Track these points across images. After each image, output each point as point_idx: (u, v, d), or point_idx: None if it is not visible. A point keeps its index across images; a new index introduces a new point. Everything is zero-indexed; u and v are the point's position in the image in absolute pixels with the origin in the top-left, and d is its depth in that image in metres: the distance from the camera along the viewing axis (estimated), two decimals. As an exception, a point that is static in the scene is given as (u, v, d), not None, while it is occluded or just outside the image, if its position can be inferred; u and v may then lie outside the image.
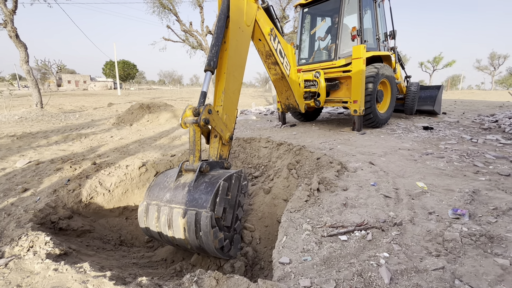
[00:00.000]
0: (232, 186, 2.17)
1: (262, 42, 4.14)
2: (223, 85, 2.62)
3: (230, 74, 2.69)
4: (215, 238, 1.93)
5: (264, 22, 3.96)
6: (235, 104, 2.79)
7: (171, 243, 2.15)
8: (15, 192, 3.08)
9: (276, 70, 4.76)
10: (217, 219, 1.99)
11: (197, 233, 1.93)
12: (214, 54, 2.56)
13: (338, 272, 1.50)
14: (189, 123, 2.21)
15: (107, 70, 56.05)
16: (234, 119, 2.77)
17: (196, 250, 2.09)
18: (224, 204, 2.05)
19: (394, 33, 6.68)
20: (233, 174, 2.18)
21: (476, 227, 1.82)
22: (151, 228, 2.12)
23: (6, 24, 9.92)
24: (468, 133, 5.26)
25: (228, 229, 2.15)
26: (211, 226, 1.90)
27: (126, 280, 1.64)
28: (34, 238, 1.99)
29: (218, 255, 2.04)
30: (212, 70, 2.51)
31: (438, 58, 44.42)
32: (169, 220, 2.01)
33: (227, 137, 2.55)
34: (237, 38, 2.89)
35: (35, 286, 1.54)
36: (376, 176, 2.92)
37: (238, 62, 2.87)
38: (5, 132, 6.70)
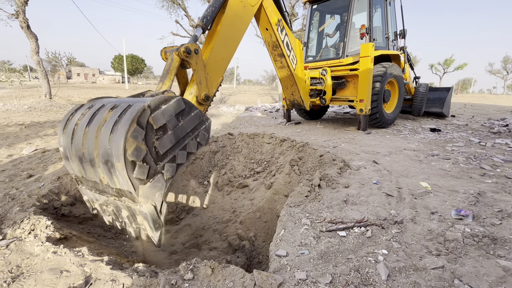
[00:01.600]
0: (190, 117, 1.82)
1: (269, 31, 4.14)
2: (211, 45, 2.56)
3: (221, 39, 2.63)
4: (133, 138, 1.45)
5: (272, 12, 3.96)
6: (221, 71, 2.69)
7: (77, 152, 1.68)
8: (20, 177, 3.13)
9: (282, 62, 4.75)
10: (149, 127, 1.56)
11: (115, 125, 1.49)
12: (209, 13, 2.51)
13: (335, 266, 1.48)
14: (169, 52, 2.08)
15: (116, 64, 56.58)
16: (217, 85, 2.63)
17: (98, 161, 1.57)
18: (169, 120, 1.67)
19: (404, 32, 6.57)
20: (199, 111, 1.90)
21: (479, 228, 1.78)
22: (69, 127, 1.74)
23: (18, 15, 10.07)
24: (476, 136, 5.14)
25: (157, 156, 1.64)
26: (136, 119, 1.47)
27: (123, 266, 1.66)
28: (35, 222, 2.02)
29: (121, 172, 1.48)
30: (205, 27, 2.43)
31: (449, 61, 43.56)
32: (95, 114, 1.66)
33: (203, 94, 2.39)
34: (236, 10, 2.86)
35: (34, 267, 1.56)
36: (379, 175, 2.88)
37: (232, 33, 2.82)
38: (14, 120, 6.82)
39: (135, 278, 1.38)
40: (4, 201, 2.53)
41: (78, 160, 1.71)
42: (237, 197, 3.68)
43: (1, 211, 2.32)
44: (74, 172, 1.85)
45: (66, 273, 1.49)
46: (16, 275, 1.50)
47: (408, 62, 7.41)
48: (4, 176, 3.18)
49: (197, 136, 1.93)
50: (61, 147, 1.80)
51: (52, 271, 1.50)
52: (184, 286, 1.34)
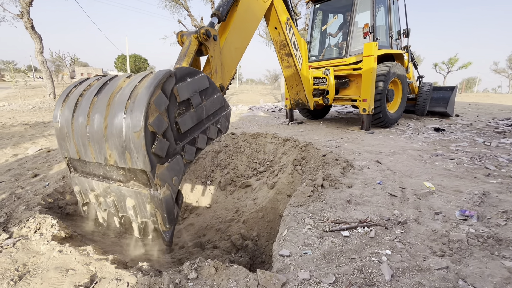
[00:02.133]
0: (212, 99, 1.71)
1: (278, 30, 4.18)
2: (225, 36, 2.54)
3: (235, 29, 2.64)
4: (156, 105, 1.28)
5: (282, 10, 4.01)
6: (235, 62, 2.67)
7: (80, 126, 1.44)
8: (25, 177, 3.17)
9: (289, 62, 4.76)
10: (173, 99, 1.40)
11: (134, 91, 1.31)
12: (225, 2, 2.48)
13: (338, 267, 1.48)
14: (186, 35, 1.97)
15: (119, 63, 56.87)
16: (230, 77, 2.58)
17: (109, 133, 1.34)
18: (193, 96, 1.52)
19: (407, 31, 6.53)
20: (221, 94, 1.80)
21: (484, 229, 1.76)
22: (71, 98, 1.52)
23: (23, 15, 10.17)
24: (481, 136, 5.10)
25: (177, 133, 1.49)
26: (161, 85, 1.31)
27: (127, 264, 1.67)
28: (41, 221, 2.04)
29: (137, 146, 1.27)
30: (220, 16, 2.38)
31: (453, 60, 43.19)
32: (106, 83, 1.48)
33: (217, 84, 2.30)
34: (249, 4, 2.89)
35: (40, 265, 1.58)
36: (382, 175, 2.87)
37: (246, 23, 2.84)
38: (19, 120, 6.90)
39: (139, 277, 1.40)
40: (10, 200, 2.56)
41: (79, 136, 1.45)
42: (240, 197, 3.69)
43: (7, 210, 2.35)
44: (70, 154, 1.56)
45: (72, 271, 1.50)
46: (23, 273, 1.52)
47: (412, 61, 7.37)
48: (10, 176, 3.22)
49: (218, 122, 1.79)
50: (57, 122, 1.54)
51: (58, 269, 1.52)
52: (188, 285, 1.35)
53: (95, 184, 1.58)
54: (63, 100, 1.55)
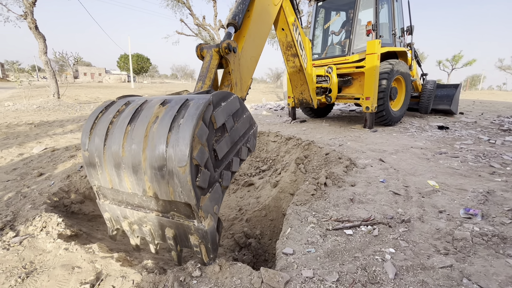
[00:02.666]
0: (242, 119, 1.68)
1: (285, 31, 4.13)
2: (241, 46, 2.46)
3: (250, 38, 2.57)
4: (199, 137, 1.26)
5: (289, 12, 3.98)
6: (251, 71, 2.63)
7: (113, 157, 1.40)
8: (31, 176, 3.21)
9: (295, 62, 4.74)
10: (211, 127, 1.38)
11: (174, 122, 1.28)
12: (240, 10, 2.41)
13: (341, 265, 1.48)
14: (207, 49, 1.90)
15: (122, 63, 57.12)
16: (247, 87, 2.55)
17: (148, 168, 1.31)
18: (227, 120, 1.50)
19: (411, 29, 6.47)
20: (250, 113, 1.75)
21: (488, 227, 1.76)
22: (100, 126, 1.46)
23: (26, 15, 10.24)
24: (486, 134, 5.06)
25: (215, 160, 1.46)
26: (202, 114, 1.27)
27: (132, 262, 1.69)
28: (47, 219, 2.07)
29: (182, 180, 1.25)
30: (237, 25, 2.32)
31: (457, 57, 42.76)
32: (139, 110, 1.41)
33: (238, 96, 2.31)
34: (262, 8, 2.83)
35: (46, 263, 1.60)
36: (386, 173, 2.86)
37: (260, 30, 2.79)
38: (24, 120, 6.96)
39: (144, 275, 1.41)
40: (16, 198, 2.60)
41: (113, 166, 1.41)
42: (243, 195, 3.70)
43: (14, 208, 2.38)
44: (100, 183, 1.51)
45: (78, 269, 1.52)
46: (30, 270, 1.55)
47: (415, 58, 7.31)
48: (16, 175, 3.26)
49: (248, 141, 1.77)
50: (86, 150, 1.48)
51: (64, 267, 1.54)
52: (192, 283, 1.37)
53: (129, 212, 1.52)
54: (91, 127, 1.48)
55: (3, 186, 2.92)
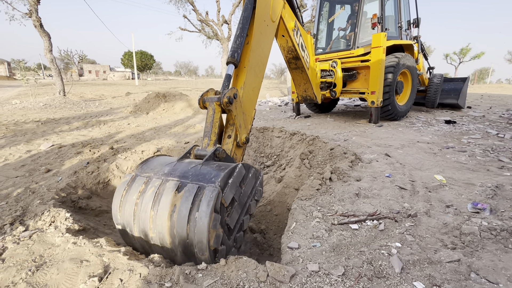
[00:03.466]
0: (248, 180, 1.82)
1: (285, 38, 3.97)
2: (242, 80, 2.36)
3: (251, 69, 2.44)
4: (213, 227, 1.46)
5: (289, 17, 3.77)
6: (254, 103, 2.51)
7: (142, 233, 1.64)
8: (39, 172, 3.26)
9: (297, 64, 4.61)
10: (222, 208, 1.56)
11: (191, 215, 1.47)
12: (239, 45, 2.31)
13: (347, 259, 1.48)
14: (209, 101, 1.93)
15: (126, 60, 57.35)
16: (251, 120, 2.48)
17: (175, 248, 1.56)
18: (235, 193, 1.65)
19: (418, 21, 6.35)
20: (252, 167, 1.87)
21: (497, 222, 1.73)
22: (127, 207, 1.67)
23: (31, 14, 10.30)
24: (494, 128, 4.97)
25: (229, 232, 1.66)
26: (213, 208, 1.45)
27: (139, 256, 1.71)
28: (55, 214, 2.10)
29: (205, 260, 1.49)
30: (236, 62, 2.27)
31: (465, 50, 41.85)
32: (158, 194, 1.59)
33: (243, 137, 2.24)
34: (262, 32, 2.65)
35: (55, 257, 1.63)
36: (391, 168, 2.84)
37: (260, 58, 2.62)
38: (31, 117, 7.06)
39: (151, 268, 1.43)
40: (25, 194, 2.64)
41: (143, 241, 1.67)
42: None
43: (23, 204, 2.43)
44: (134, 247, 1.76)
45: (86, 262, 1.55)
46: (40, 264, 1.58)
47: (422, 52, 7.18)
48: (24, 171, 3.31)
49: (255, 195, 1.90)
50: (119, 224, 1.74)
51: (72, 260, 1.56)
52: (198, 277, 1.38)
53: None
54: (119, 205, 1.73)
55: (12, 182, 2.97)
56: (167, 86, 27.12)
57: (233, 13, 15.73)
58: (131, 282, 1.36)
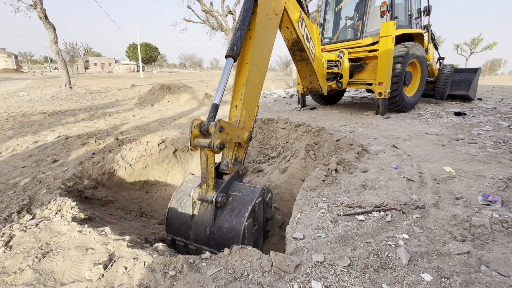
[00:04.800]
0: (257, 213, 1.97)
1: (289, 30, 3.83)
2: (244, 76, 2.29)
3: (253, 65, 2.36)
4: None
5: (293, 8, 3.62)
6: (257, 99, 2.47)
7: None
8: (46, 162, 3.29)
9: (302, 56, 4.48)
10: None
11: None
12: (238, 38, 2.20)
13: (353, 250, 1.45)
14: (200, 147, 1.85)
15: (130, 53, 57.28)
16: (254, 117, 2.44)
17: None
18: (254, 236, 1.94)
19: (429, 9, 6.13)
20: (256, 202, 1.93)
21: (508, 214, 1.68)
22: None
23: (36, 5, 10.29)
24: (506, 120, 4.82)
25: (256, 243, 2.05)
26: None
27: (143, 245, 1.72)
28: (61, 203, 2.12)
29: None
30: (235, 56, 2.18)
31: (477, 40, 40.52)
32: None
33: (245, 137, 2.22)
34: (264, 26, 2.53)
35: (61, 244, 1.65)
36: (399, 160, 2.78)
37: (263, 53, 2.53)
38: (38, 109, 7.13)
39: (155, 257, 1.43)
40: (32, 184, 2.68)
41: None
42: (251, 180, 3.70)
43: (30, 193, 2.46)
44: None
45: (91, 250, 1.56)
46: (46, 251, 1.59)
47: (432, 41, 6.96)
48: (31, 161, 3.35)
49: (267, 205, 2.17)
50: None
51: (78, 248, 1.58)
52: (201, 265, 1.37)
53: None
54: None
55: (20, 172, 3.01)
56: (172, 79, 27.07)
57: (237, 3, 15.46)
58: (136, 270, 1.37)
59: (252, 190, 1.99)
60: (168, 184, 3.63)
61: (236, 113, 2.24)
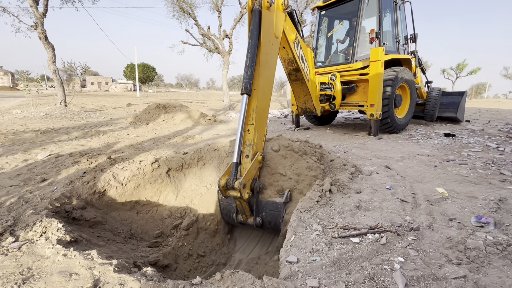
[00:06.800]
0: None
1: (286, 49, 4.06)
2: (254, 103, 2.50)
3: (260, 91, 2.54)
4: None
5: (290, 30, 3.85)
6: (265, 121, 2.70)
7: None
8: (34, 181, 3.20)
9: (297, 76, 4.66)
10: None
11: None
12: (250, 76, 2.42)
13: (348, 274, 1.42)
14: (234, 197, 2.38)
15: (128, 72, 58.23)
16: (264, 137, 2.72)
17: None
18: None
19: (415, 36, 6.48)
20: (283, 216, 2.49)
21: (502, 236, 1.68)
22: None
23: (37, 26, 10.54)
24: (494, 141, 4.96)
25: None
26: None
27: (131, 269, 1.64)
28: (47, 224, 2.04)
29: None
30: (249, 93, 2.42)
31: (462, 65, 42.61)
32: None
33: (260, 158, 2.57)
34: (267, 52, 2.71)
35: (44, 269, 1.56)
36: (392, 180, 2.79)
37: (268, 77, 2.73)
38: (31, 127, 7.05)
39: (143, 282, 1.36)
40: (18, 204, 2.58)
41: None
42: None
43: (15, 213, 2.36)
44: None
45: (75, 276, 1.48)
46: (27, 277, 1.51)
47: (420, 66, 7.30)
48: (19, 180, 3.26)
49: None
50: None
51: (61, 273, 1.50)
52: (192, 292, 1.31)
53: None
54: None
55: (6, 191, 2.92)
56: (168, 98, 27.37)
57: (234, 28, 16.11)
58: (121, 297, 1.30)
59: (276, 205, 2.53)
60: (160, 205, 3.55)
61: (249, 137, 2.51)
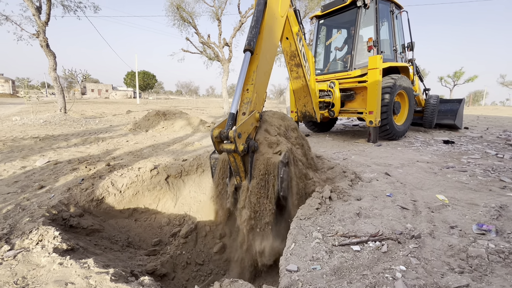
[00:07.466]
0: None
1: (289, 40, 4.32)
2: (255, 65, 2.67)
3: (262, 55, 2.74)
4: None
5: (294, 22, 4.19)
6: (265, 85, 2.84)
7: None
8: (32, 188, 3.18)
9: (298, 73, 4.84)
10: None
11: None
12: (254, 35, 2.65)
13: (349, 283, 1.39)
14: (226, 151, 2.19)
15: (128, 80, 58.65)
16: (263, 100, 2.81)
17: None
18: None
19: (412, 45, 6.57)
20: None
21: (504, 244, 1.66)
22: None
23: (39, 34, 10.65)
24: (493, 148, 4.96)
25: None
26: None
27: (128, 279, 1.61)
28: (43, 232, 2.01)
29: None
30: (252, 49, 2.58)
31: (459, 73, 43.10)
32: None
33: (257, 117, 2.53)
34: (271, 24, 3.04)
35: (39, 278, 1.53)
36: (392, 187, 2.78)
37: (270, 46, 2.96)
38: (30, 134, 7.04)
39: (140, 292, 1.34)
40: (15, 211, 2.55)
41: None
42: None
43: (11, 221, 2.34)
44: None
45: (71, 285, 1.45)
46: (21, 286, 1.48)
47: (417, 74, 7.37)
48: (17, 187, 3.23)
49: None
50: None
51: (57, 283, 1.47)
52: (190, 302, 1.28)
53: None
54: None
55: (3, 198, 2.89)
56: (168, 105, 27.48)
57: (233, 36, 16.32)
58: (118, 308, 1.27)
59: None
60: (158, 212, 3.51)
61: (248, 95, 2.50)
